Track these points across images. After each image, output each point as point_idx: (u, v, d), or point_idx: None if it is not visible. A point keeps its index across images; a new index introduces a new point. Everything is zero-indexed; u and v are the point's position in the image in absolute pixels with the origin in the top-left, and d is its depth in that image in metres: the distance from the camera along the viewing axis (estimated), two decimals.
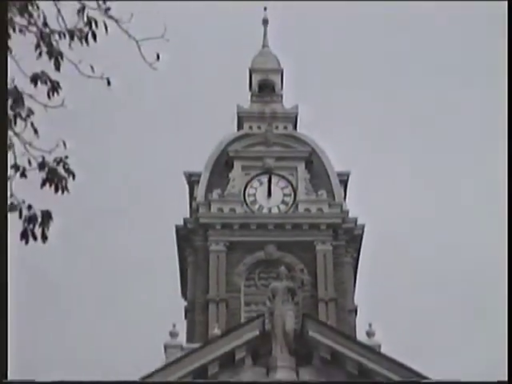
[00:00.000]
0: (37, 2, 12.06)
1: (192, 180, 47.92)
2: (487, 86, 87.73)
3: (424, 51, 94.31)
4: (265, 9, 52.72)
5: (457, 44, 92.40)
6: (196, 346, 39.65)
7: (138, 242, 72.00)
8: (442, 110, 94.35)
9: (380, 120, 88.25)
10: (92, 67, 12.65)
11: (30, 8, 12.07)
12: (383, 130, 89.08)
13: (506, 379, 33.27)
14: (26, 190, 12.62)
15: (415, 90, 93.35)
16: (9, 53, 12.13)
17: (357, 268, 47.47)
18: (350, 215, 46.72)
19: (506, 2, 18.56)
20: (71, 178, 12.78)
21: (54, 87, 12.50)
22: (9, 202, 12.58)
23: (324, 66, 79.77)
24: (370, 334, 39.61)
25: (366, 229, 46.88)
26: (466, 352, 67.66)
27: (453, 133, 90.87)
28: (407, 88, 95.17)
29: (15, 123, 12.48)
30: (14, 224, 12.54)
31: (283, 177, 47.22)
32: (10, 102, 12.30)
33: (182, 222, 46.68)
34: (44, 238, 12.74)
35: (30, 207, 12.68)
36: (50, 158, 12.63)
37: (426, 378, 37.26)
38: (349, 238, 46.34)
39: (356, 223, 46.65)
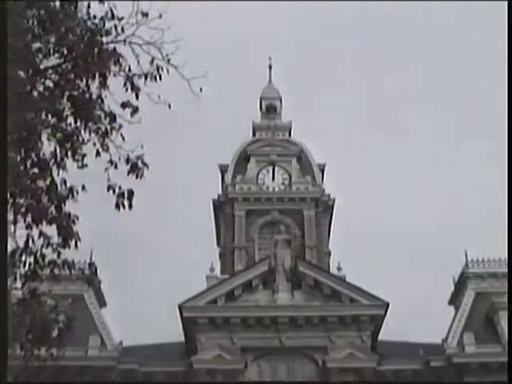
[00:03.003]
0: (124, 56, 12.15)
1: (223, 169, 48.20)
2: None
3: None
4: (269, 58, 53.45)
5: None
6: (226, 276, 39.86)
7: (189, 211, 72.28)
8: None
9: (347, 129, 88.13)
10: (159, 96, 12.66)
11: (120, 60, 12.14)
12: (350, 135, 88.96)
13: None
14: (117, 176, 12.65)
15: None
16: (107, 88, 12.19)
17: (330, 226, 47.58)
18: (326, 192, 47.04)
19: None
20: (146, 168, 12.83)
21: (135, 110, 12.50)
22: (106, 184, 12.61)
23: (309, 94, 79.62)
24: (338, 269, 39.68)
25: (336, 201, 47.19)
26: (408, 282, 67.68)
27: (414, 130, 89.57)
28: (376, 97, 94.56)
29: (111, 133, 12.54)
30: (111, 198, 12.66)
31: (282, 167, 47.42)
32: (107, 120, 12.36)
33: (216, 197, 47.06)
34: (130, 206, 12.74)
35: (120, 187, 12.67)
36: (132, 156, 12.62)
37: (377, 298, 37.30)
38: (325, 207, 46.53)
39: (329, 197, 46.95)
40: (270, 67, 53.34)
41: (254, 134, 49.97)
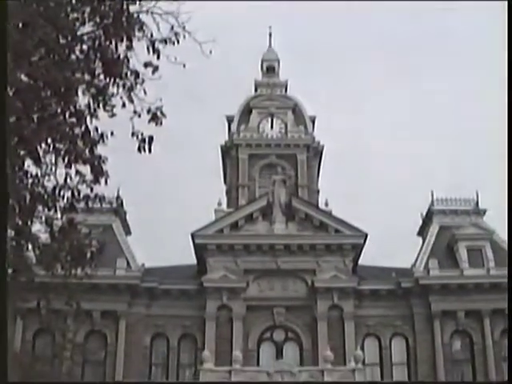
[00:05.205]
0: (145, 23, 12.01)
1: (229, 120, 48.09)
2: None
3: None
4: (269, 27, 53.23)
5: None
6: (231, 210, 40.20)
7: (200, 155, 72.41)
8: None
9: (334, 85, 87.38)
10: (175, 58, 12.45)
11: (144, 27, 12.03)
12: (338, 90, 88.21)
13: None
14: (140, 124, 12.50)
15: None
16: (132, 51, 12.10)
17: (319, 168, 47.70)
18: (316, 139, 47.00)
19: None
20: (164, 118, 12.44)
21: (155, 69, 12.24)
22: (131, 131, 12.34)
23: (303, 57, 78.73)
24: (326, 205, 40.02)
25: (324, 147, 47.16)
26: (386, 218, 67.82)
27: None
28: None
29: (135, 88, 12.18)
30: (134, 142, 12.61)
31: (279, 118, 47.28)
32: (133, 77, 12.25)
33: (223, 143, 47.04)
34: (149, 150, 12.48)
35: (142, 133, 12.40)
36: (153, 107, 12.32)
37: (358, 229, 37.57)
38: (315, 152, 46.61)
39: (319, 144, 46.98)
40: (270, 35, 53.20)
41: (255, 90, 49.84)
